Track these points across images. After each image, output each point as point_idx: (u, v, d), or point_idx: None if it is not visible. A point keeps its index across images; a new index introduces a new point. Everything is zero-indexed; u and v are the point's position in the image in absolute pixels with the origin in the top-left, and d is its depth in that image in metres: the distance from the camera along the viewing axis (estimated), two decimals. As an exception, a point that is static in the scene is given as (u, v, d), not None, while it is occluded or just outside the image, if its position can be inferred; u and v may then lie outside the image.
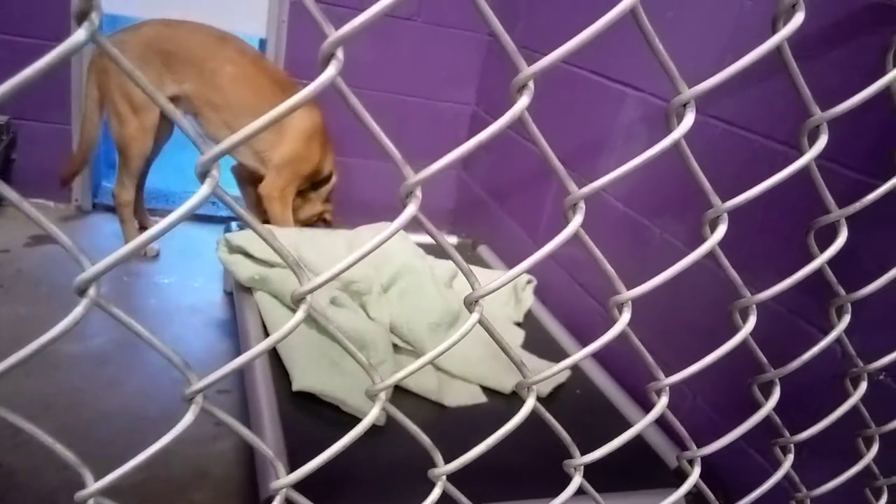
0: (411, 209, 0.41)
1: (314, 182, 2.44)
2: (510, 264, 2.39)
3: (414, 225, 0.43)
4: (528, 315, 2.06)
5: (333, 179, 2.48)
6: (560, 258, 2.09)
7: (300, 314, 0.41)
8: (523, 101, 0.39)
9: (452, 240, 2.52)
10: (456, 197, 2.92)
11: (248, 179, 2.47)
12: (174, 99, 2.21)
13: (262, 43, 2.53)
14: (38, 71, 0.31)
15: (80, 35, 0.31)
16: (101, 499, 0.41)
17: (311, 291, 0.40)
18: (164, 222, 0.37)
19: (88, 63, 2.21)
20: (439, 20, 2.60)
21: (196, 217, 2.69)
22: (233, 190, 2.87)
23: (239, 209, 0.39)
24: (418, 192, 0.41)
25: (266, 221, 2.32)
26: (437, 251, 2.21)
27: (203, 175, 0.36)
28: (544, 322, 2.03)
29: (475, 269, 1.62)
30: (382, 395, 0.46)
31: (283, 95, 2.21)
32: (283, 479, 0.45)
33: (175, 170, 2.72)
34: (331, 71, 0.35)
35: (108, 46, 0.32)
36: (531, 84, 0.39)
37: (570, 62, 2.10)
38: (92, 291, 0.36)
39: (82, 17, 0.30)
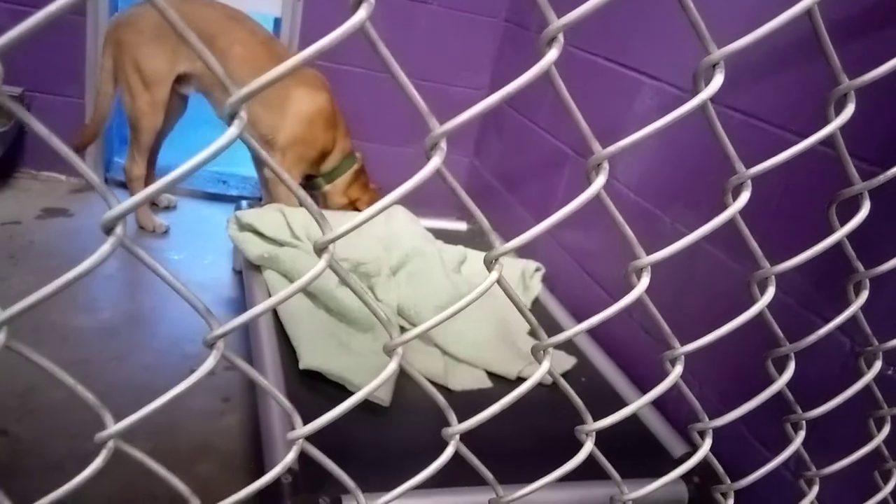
0: (436, 161, 0.41)
1: (329, 171, 2.42)
2: (521, 252, 2.39)
3: (424, 210, 0.43)
4: (536, 303, 2.06)
5: (356, 166, 2.42)
6: (569, 246, 2.09)
7: (322, 263, 0.41)
8: (552, 54, 0.39)
9: (462, 226, 2.52)
10: (467, 184, 2.92)
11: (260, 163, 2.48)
12: (185, 76, 2.22)
13: (277, 22, 2.53)
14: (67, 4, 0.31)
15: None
16: (120, 441, 0.41)
17: (334, 240, 0.40)
18: (189, 164, 0.37)
19: (104, 35, 2.21)
20: (454, 4, 2.59)
21: (206, 195, 2.69)
22: (238, 169, 2.87)
23: (264, 153, 0.39)
24: (443, 145, 0.41)
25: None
26: (446, 236, 2.21)
27: (231, 116, 0.36)
28: (552, 310, 2.02)
29: (482, 255, 1.59)
30: (400, 351, 0.46)
31: (289, 80, 2.18)
32: (299, 430, 0.45)
33: (188, 147, 2.71)
34: (361, 14, 0.35)
35: (175, 19, 0.32)
36: (560, 36, 0.39)
37: (585, 49, 2.09)
38: (119, 230, 0.36)
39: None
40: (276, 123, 2.24)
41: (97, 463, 0.41)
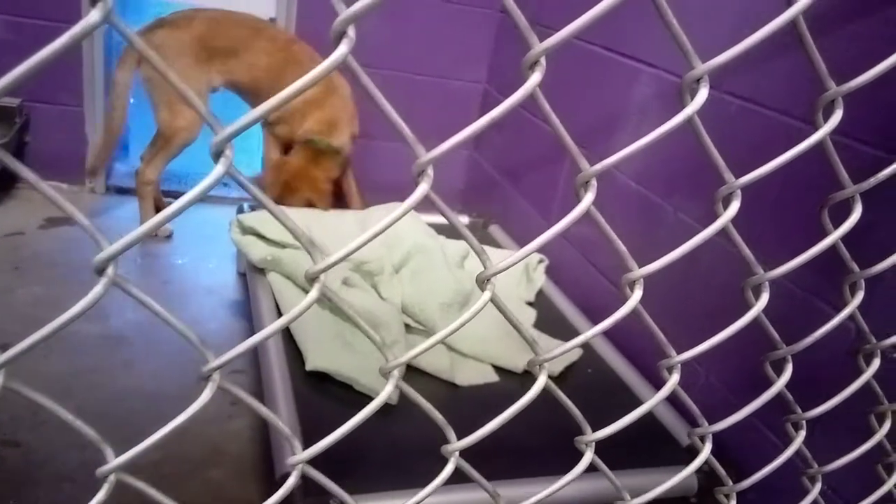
0: (423, 188, 0.41)
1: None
2: (522, 244, 2.38)
3: (426, 204, 0.43)
4: (540, 295, 2.06)
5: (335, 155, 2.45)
6: (572, 238, 2.09)
7: (314, 293, 0.41)
8: (535, 78, 0.39)
9: (464, 219, 2.52)
10: (467, 176, 2.91)
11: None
12: (227, 85, 2.33)
13: (272, 22, 2.52)
14: (51, 54, 0.31)
15: (93, 16, 0.31)
16: (122, 474, 0.42)
17: (324, 270, 0.40)
18: (179, 202, 0.37)
19: (124, 51, 2.22)
20: (450, -3, 2.58)
21: (208, 198, 2.70)
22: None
23: (252, 188, 0.39)
24: (430, 171, 0.41)
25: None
26: (448, 231, 2.21)
27: (217, 155, 0.36)
28: (556, 302, 2.03)
29: (486, 249, 1.58)
30: (396, 373, 0.46)
31: (324, 90, 2.32)
32: (299, 455, 0.45)
33: (187, 152, 2.72)
34: (342, 49, 0.35)
35: (124, 27, 0.32)
36: (543, 60, 0.39)
37: (582, 38, 2.08)
38: (110, 270, 0.36)
39: (96, -2, 0.31)
40: (302, 123, 2.37)
41: (99, 497, 0.41)
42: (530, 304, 2.01)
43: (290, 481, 0.46)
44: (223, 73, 2.29)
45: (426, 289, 1.82)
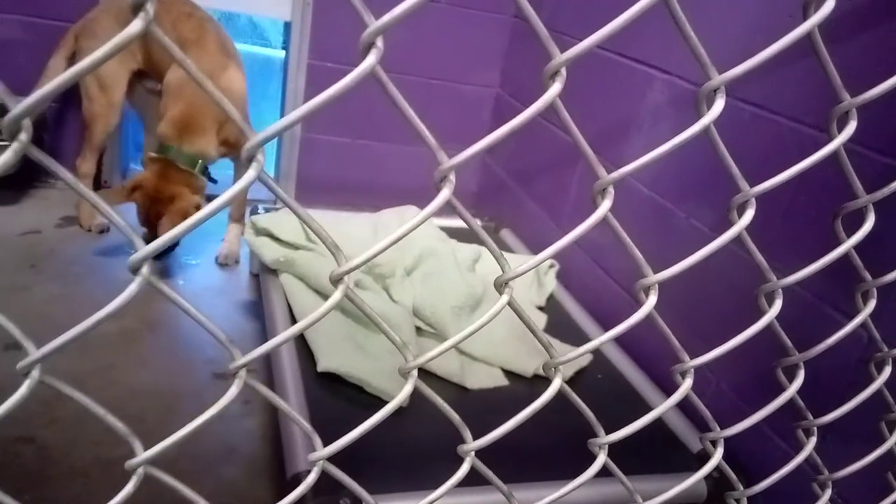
0: (446, 193, 0.42)
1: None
2: (533, 248, 2.40)
3: (442, 208, 0.44)
4: (551, 299, 2.06)
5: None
6: (583, 242, 2.09)
7: (338, 294, 0.43)
8: (556, 88, 0.40)
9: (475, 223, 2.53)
10: (479, 180, 2.92)
11: None
12: (140, 73, 2.27)
13: (287, 26, 2.55)
14: (96, 61, 0.33)
15: (136, 26, 0.32)
16: (149, 467, 0.43)
17: (349, 272, 0.42)
18: (211, 206, 0.38)
19: (62, 44, 2.19)
20: (463, 2, 2.59)
21: (222, 199, 2.72)
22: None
23: (282, 193, 0.41)
24: (452, 177, 0.42)
25: None
26: (459, 234, 2.22)
27: (249, 160, 0.38)
28: (567, 306, 2.03)
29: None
30: (415, 373, 0.47)
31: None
32: (320, 452, 0.47)
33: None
34: (371, 60, 0.37)
35: (162, 36, 0.33)
36: (563, 71, 0.40)
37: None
38: (145, 270, 0.38)
39: (138, 8, 0.32)
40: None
41: (128, 489, 0.42)
42: (541, 308, 2.02)
43: (311, 477, 0.47)
44: (143, 55, 2.22)
45: (437, 292, 1.83)
